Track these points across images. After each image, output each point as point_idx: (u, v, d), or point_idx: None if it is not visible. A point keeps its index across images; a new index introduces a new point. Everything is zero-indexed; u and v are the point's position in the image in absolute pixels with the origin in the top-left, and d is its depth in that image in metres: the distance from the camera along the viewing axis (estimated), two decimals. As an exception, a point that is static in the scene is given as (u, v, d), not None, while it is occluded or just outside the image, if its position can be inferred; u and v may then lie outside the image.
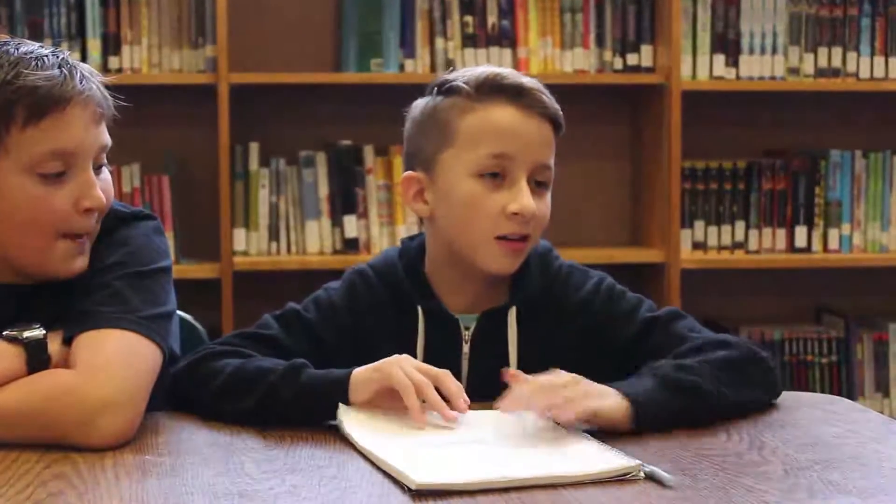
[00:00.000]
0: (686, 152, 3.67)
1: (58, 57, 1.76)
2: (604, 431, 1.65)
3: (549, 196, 1.90)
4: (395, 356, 1.72)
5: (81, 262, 1.78)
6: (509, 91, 1.86)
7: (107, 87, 1.81)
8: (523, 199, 1.83)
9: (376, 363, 1.72)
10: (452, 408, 1.69)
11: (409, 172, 1.91)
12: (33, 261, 1.78)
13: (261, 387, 1.73)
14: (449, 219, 1.87)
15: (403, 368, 1.70)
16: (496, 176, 1.84)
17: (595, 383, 1.71)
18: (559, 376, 1.70)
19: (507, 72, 1.89)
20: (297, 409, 1.72)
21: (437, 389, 1.69)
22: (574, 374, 1.71)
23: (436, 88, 1.91)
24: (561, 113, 1.90)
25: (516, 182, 1.84)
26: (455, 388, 1.70)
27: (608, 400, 1.69)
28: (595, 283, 1.95)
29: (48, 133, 1.72)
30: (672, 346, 1.86)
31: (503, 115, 1.85)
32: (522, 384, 1.68)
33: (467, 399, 1.70)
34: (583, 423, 1.65)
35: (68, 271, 1.78)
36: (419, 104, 1.93)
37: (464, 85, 1.87)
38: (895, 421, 1.81)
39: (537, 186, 1.88)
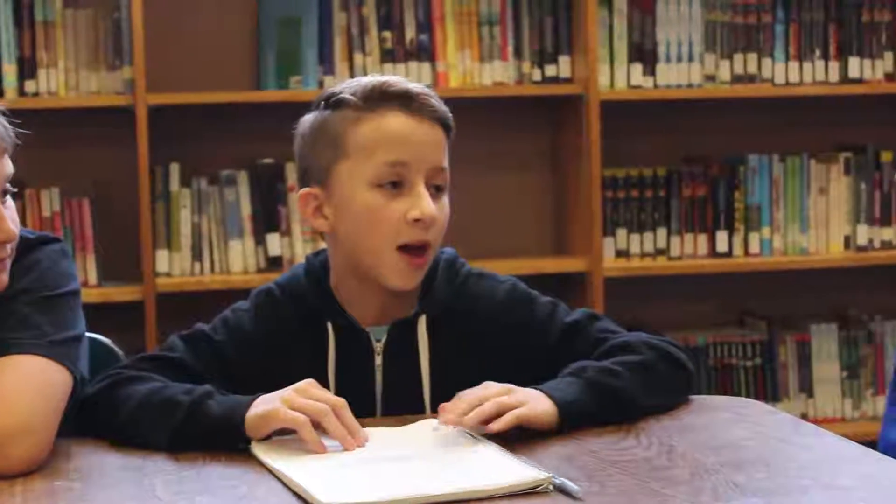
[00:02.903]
0: (606, 161, 3.70)
1: None
2: (520, 439, 1.67)
3: (446, 200, 1.90)
4: (299, 384, 1.71)
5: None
6: (398, 98, 1.86)
7: (15, 111, 1.80)
8: (423, 204, 1.84)
9: (262, 409, 1.69)
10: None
11: (305, 189, 1.91)
12: None
13: (167, 427, 1.72)
14: (350, 231, 1.87)
15: (294, 402, 1.67)
16: (394, 184, 1.85)
17: (524, 389, 1.74)
18: (489, 388, 1.73)
19: (394, 79, 1.89)
20: (203, 447, 1.70)
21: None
22: (504, 384, 1.74)
23: (322, 103, 1.90)
24: (450, 115, 1.90)
25: (414, 188, 1.85)
26: (352, 420, 1.69)
27: (538, 404, 1.72)
28: (507, 289, 1.96)
29: None
30: (592, 349, 1.89)
31: (394, 122, 1.85)
32: (456, 403, 1.70)
33: (364, 435, 1.69)
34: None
35: None
36: (307, 120, 1.92)
37: (351, 96, 1.87)
38: (803, 422, 1.84)
39: (435, 191, 1.88)
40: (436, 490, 1.49)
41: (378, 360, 1.90)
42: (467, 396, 1.72)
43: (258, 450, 1.67)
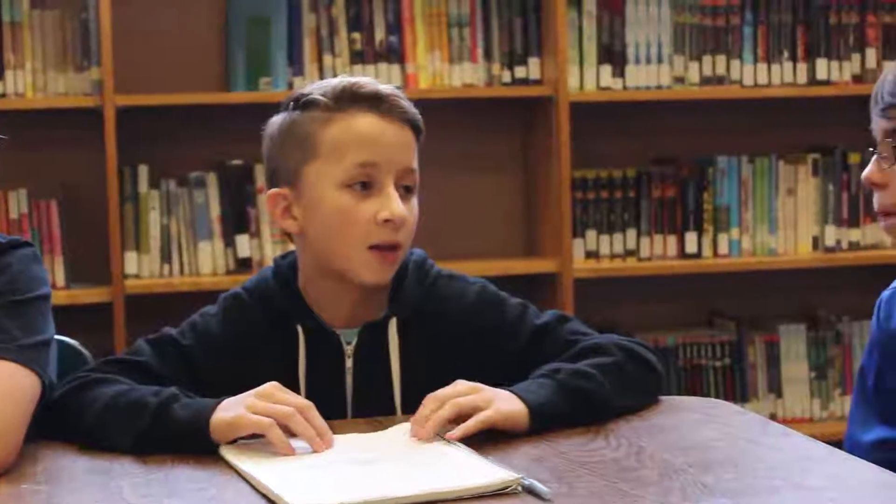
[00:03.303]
0: (576, 162, 3.71)
1: None
2: (490, 440, 1.67)
3: (415, 201, 1.90)
4: (263, 387, 1.70)
5: None
6: (368, 99, 1.86)
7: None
8: (393, 205, 1.84)
9: (229, 415, 1.67)
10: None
11: (274, 190, 1.90)
12: None
13: (132, 430, 1.71)
14: (320, 232, 1.87)
15: (258, 408, 1.67)
16: (363, 185, 1.84)
17: (494, 389, 1.74)
18: (459, 386, 1.73)
19: (364, 80, 1.89)
20: (170, 449, 1.69)
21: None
22: (474, 383, 1.73)
23: (292, 103, 1.90)
24: (420, 117, 1.90)
25: (384, 189, 1.84)
26: (319, 421, 1.69)
27: (509, 405, 1.72)
28: (477, 291, 1.96)
29: None
30: (562, 351, 1.89)
31: (364, 123, 1.85)
32: (426, 405, 1.70)
33: (332, 436, 1.69)
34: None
35: None
36: (276, 121, 1.91)
37: (321, 97, 1.86)
38: (772, 422, 1.85)
39: (405, 192, 1.88)
40: (404, 492, 1.48)
41: (349, 362, 1.90)
42: (436, 397, 1.72)
43: (227, 452, 1.66)
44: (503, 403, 1.72)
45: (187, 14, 3.69)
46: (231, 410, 1.68)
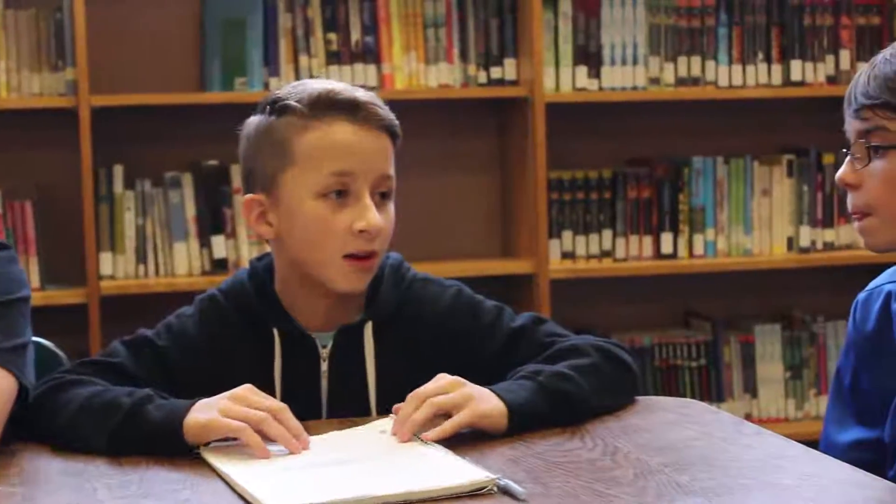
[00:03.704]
0: (552, 163, 3.71)
1: None
2: (468, 440, 1.68)
3: (392, 206, 1.90)
4: (237, 389, 1.70)
5: None
6: (344, 107, 1.85)
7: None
8: (369, 215, 1.84)
9: (204, 417, 1.68)
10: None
11: (250, 195, 1.89)
12: None
13: (105, 430, 1.71)
14: (295, 240, 1.87)
15: (231, 412, 1.67)
16: (339, 193, 1.84)
17: (476, 386, 1.74)
18: (441, 381, 1.73)
19: (341, 87, 1.88)
20: (142, 451, 1.69)
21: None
22: (455, 377, 1.74)
23: (268, 107, 1.89)
24: (397, 122, 1.90)
25: (360, 198, 1.84)
26: (294, 422, 1.69)
27: (487, 404, 1.72)
28: (453, 295, 1.96)
29: None
30: (538, 353, 1.89)
31: (340, 131, 1.85)
32: (408, 403, 1.70)
33: (307, 437, 1.69)
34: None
35: None
36: (253, 123, 1.91)
37: (297, 104, 1.85)
38: (746, 422, 1.86)
39: (381, 199, 1.88)
40: (380, 492, 1.49)
41: (324, 365, 1.90)
42: (418, 394, 1.72)
43: (207, 452, 1.66)
44: (482, 403, 1.72)
45: (162, 14, 3.68)
46: (205, 413, 1.68)
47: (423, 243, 3.64)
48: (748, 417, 3.85)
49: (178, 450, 1.67)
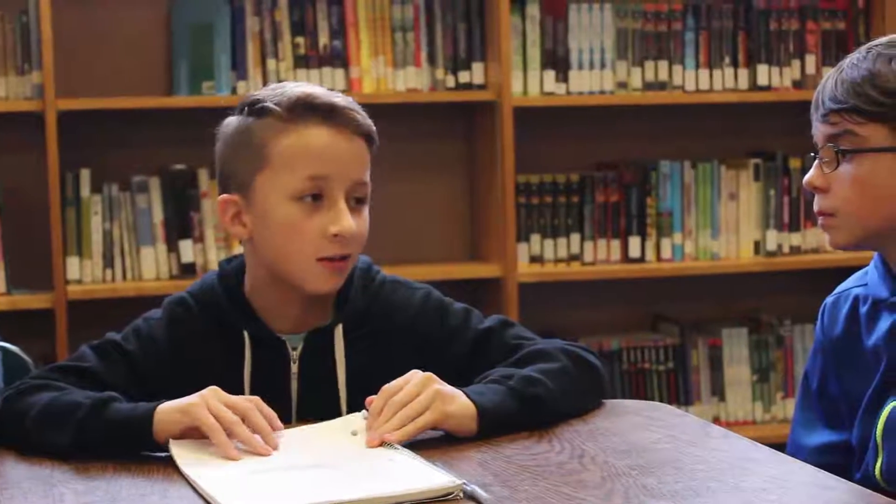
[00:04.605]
0: (520, 167, 3.72)
1: None
2: (437, 444, 1.68)
3: (366, 211, 1.91)
4: (204, 391, 1.71)
5: None
6: (322, 111, 1.86)
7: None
8: (343, 220, 1.84)
9: (183, 402, 1.69)
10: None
11: (225, 196, 1.90)
12: None
13: (70, 425, 1.71)
14: (269, 242, 1.87)
15: (210, 406, 1.68)
16: (314, 197, 1.84)
17: (447, 385, 1.75)
18: (413, 378, 1.74)
19: (319, 91, 1.89)
20: (108, 446, 1.69)
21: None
22: (427, 374, 1.75)
23: (247, 108, 1.89)
24: (374, 128, 1.91)
25: (335, 203, 1.85)
26: (262, 423, 1.69)
27: (455, 405, 1.73)
28: (422, 297, 1.97)
29: None
30: (506, 356, 1.90)
31: (317, 136, 1.85)
32: (380, 397, 1.71)
33: (281, 428, 1.70)
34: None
35: None
36: (231, 123, 1.91)
37: (276, 107, 1.86)
38: (712, 425, 1.87)
39: (356, 203, 1.88)
40: (345, 496, 1.49)
41: (294, 368, 1.90)
42: (389, 389, 1.73)
43: (177, 448, 1.66)
44: (448, 404, 1.73)
45: (130, 18, 3.67)
46: (177, 406, 1.68)
47: (391, 247, 3.64)
48: (716, 420, 3.87)
49: (145, 444, 1.67)
